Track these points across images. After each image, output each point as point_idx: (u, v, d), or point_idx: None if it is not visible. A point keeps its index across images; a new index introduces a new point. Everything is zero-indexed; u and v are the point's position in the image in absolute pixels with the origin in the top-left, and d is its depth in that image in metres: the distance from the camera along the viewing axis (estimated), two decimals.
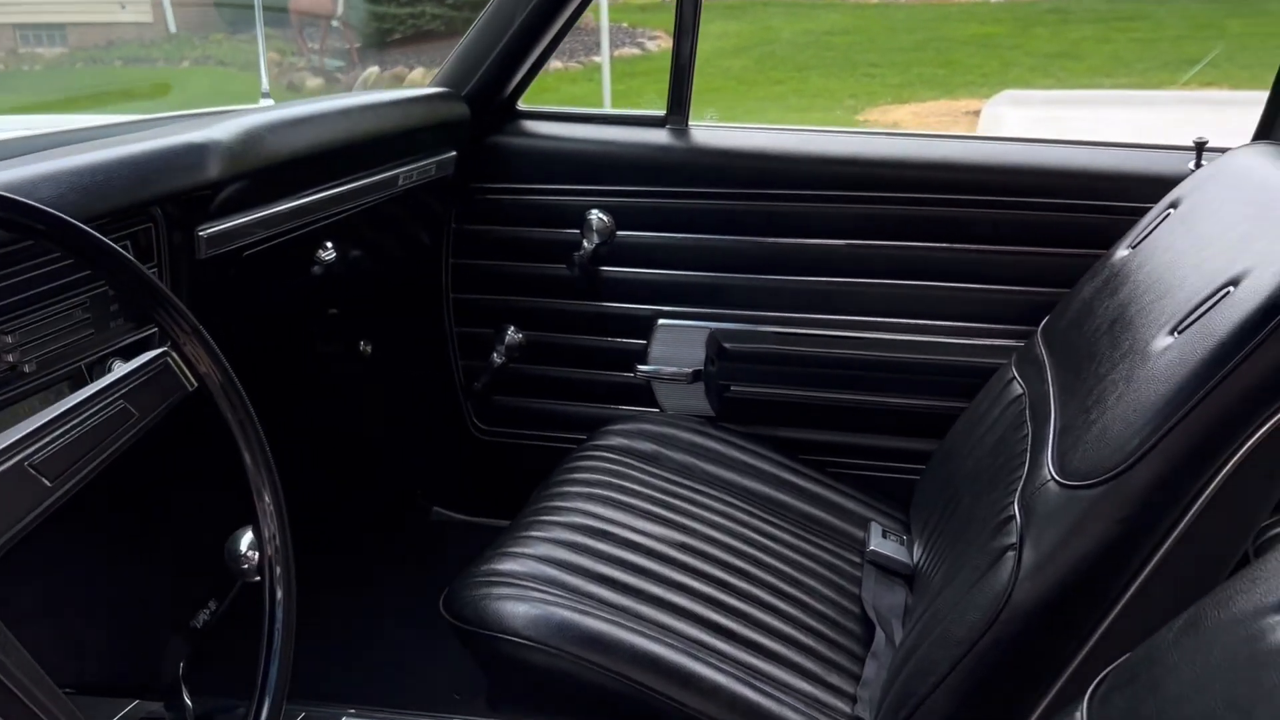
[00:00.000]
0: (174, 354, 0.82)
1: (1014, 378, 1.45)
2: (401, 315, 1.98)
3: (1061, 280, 1.53)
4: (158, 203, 1.12)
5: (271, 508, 0.86)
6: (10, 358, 1.00)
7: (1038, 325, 1.49)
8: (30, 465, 0.72)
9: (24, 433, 0.73)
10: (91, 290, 1.09)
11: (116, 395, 0.77)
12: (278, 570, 0.86)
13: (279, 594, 0.85)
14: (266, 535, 0.86)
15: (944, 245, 1.71)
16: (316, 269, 1.55)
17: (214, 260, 1.23)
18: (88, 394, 0.76)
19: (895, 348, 1.75)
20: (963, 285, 1.72)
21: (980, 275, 1.71)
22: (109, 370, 1.13)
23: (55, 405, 0.75)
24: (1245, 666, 0.65)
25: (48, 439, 0.73)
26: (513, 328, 1.97)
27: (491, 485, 2.03)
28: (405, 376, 2.02)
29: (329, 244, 1.54)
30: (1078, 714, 0.77)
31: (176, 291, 1.23)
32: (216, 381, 0.85)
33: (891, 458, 1.78)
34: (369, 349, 1.94)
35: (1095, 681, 0.78)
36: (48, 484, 0.72)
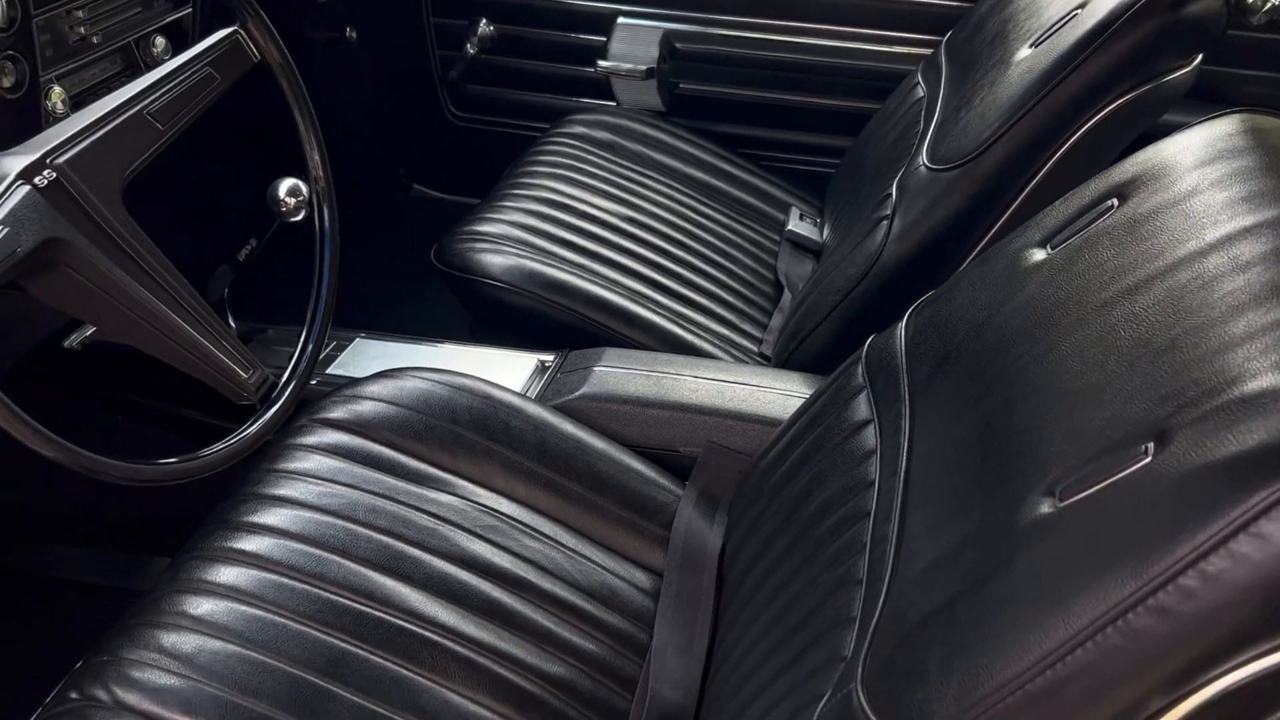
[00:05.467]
0: (242, 32, 1.05)
1: (918, 82, 1.70)
2: (384, 5, 2.15)
3: None
4: None
5: (319, 156, 1.12)
6: (81, 30, 1.22)
7: (944, 36, 1.73)
8: (147, 113, 0.97)
9: (140, 88, 0.97)
10: None
11: (204, 63, 1.01)
12: (325, 208, 1.13)
13: (326, 219, 1.13)
14: (314, 177, 1.13)
15: None
16: None
17: None
18: (184, 60, 1.00)
19: (824, 53, 1.98)
20: None
21: None
22: (152, 46, 1.35)
23: (159, 68, 0.99)
24: (1004, 281, 0.96)
25: (158, 94, 0.98)
26: (485, 20, 2.15)
27: (464, 167, 2.28)
28: (388, 64, 2.22)
29: None
30: (901, 322, 1.09)
31: None
32: (275, 57, 1.08)
33: (815, 152, 2.04)
34: (355, 35, 2.13)
35: (918, 302, 1.09)
36: (160, 128, 0.98)
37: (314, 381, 1.44)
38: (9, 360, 1.42)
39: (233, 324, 1.49)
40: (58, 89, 1.20)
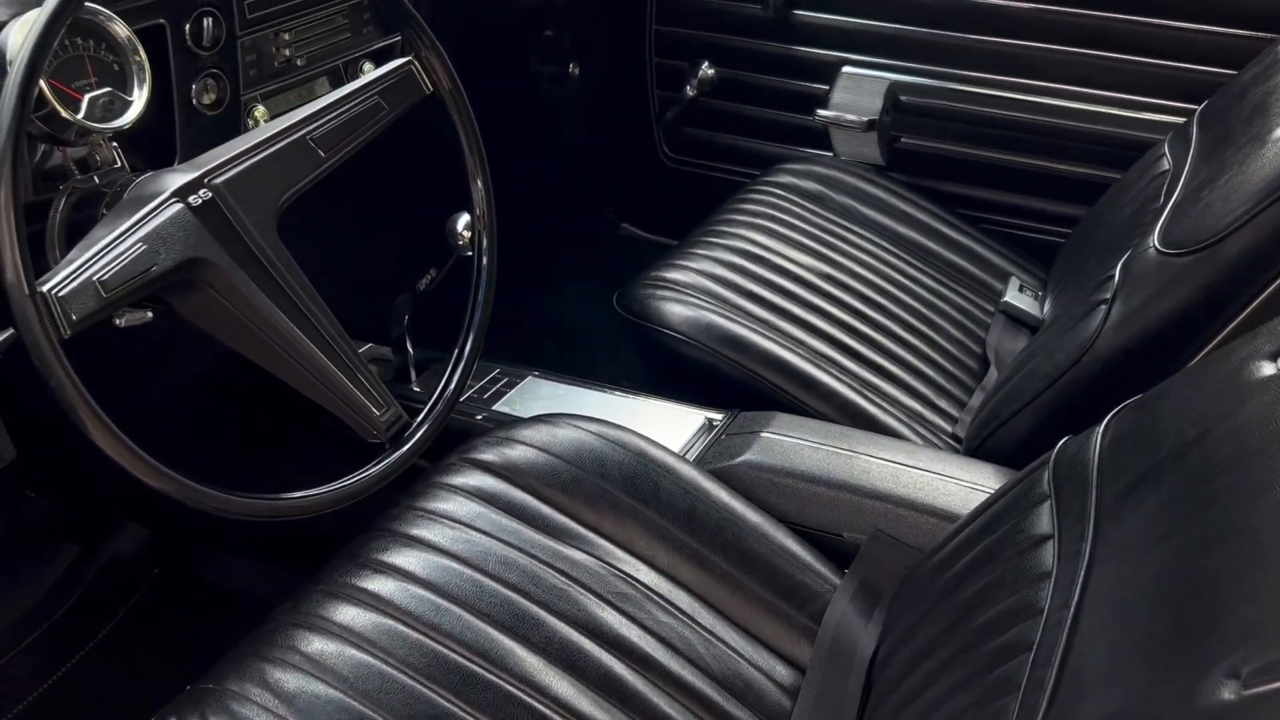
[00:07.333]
0: (416, 63, 1.04)
1: (1164, 154, 1.53)
2: (607, 43, 2.15)
3: (1230, 62, 1.57)
4: None
5: (483, 193, 1.09)
6: (287, 52, 1.25)
7: (1199, 106, 1.55)
8: (310, 139, 0.96)
9: (305, 114, 0.97)
10: (351, 1, 1.31)
11: (373, 92, 1.00)
12: (484, 241, 1.09)
13: (484, 260, 1.10)
14: (477, 213, 1.10)
15: (1122, 17, 1.74)
16: None
17: None
18: (353, 88, 0.99)
19: (1062, 114, 1.82)
20: (1136, 58, 1.76)
21: (1155, 50, 1.74)
22: (361, 71, 1.37)
23: (327, 95, 0.99)
24: (1222, 395, 0.81)
25: (323, 120, 0.97)
26: (707, 63, 2.11)
27: (674, 209, 2.24)
28: (607, 101, 2.21)
29: None
30: (1099, 427, 0.95)
31: (417, 6, 1.44)
32: (447, 89, 1.06)
33: (1043, 219, 1.89)
34: (577, 72, 2.13)
35: (1120, 406, 0.96)
36: (322, 155, 0.97)
37: (479, 417, 1.43)
38: (188, 379, 1.48)
39: (411, 351, 1.49)
40: (261, 108, 1.23)
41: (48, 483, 1.46)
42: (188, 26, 1.11)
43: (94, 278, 0.80)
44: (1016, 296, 1.68)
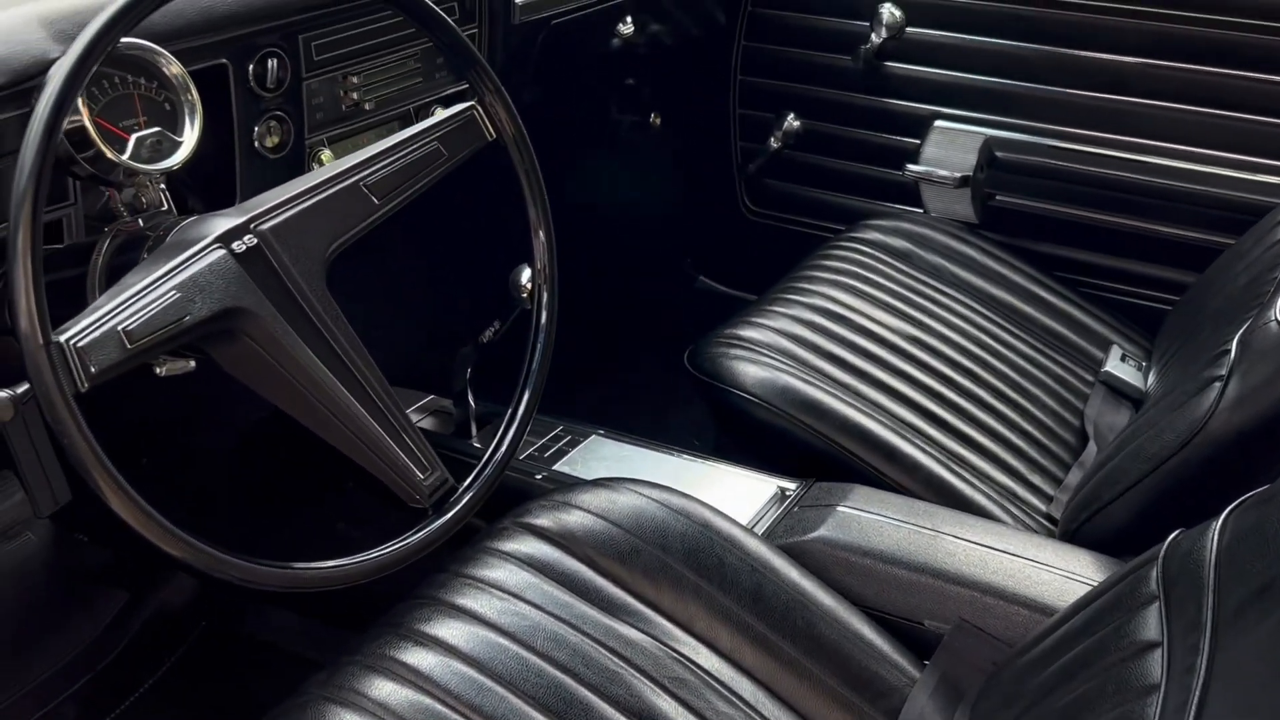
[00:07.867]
0: (479, 108, 0.99)
1: None
2: (691, 92, 2.10)
3: None
4: None
5: (545, 245, 1.04)
6: (355, 96, 1.21)
7: None
8: (364, 185, 0.91)
9: (360, 159, 0.92)
10: (422, 45, 1.27)
11: (432, 137, 0.95)
12: (544, 296, 1.04)
13: (543, 318, 1.04)
14: (538, 267, 1.04)
15: (1241, 74, 1.64)
16: (616, 42, 1.69)
17: (526, 26, 1.39)
18: (410, 133, 0.95)
19: (1171, 174, 1.72)
20: (1252, 116, 1.65)
21: (1272, 108, 1.63)
22: (431, 114, 1.33)
23: (384, 140, 0.94)
24: None
25: (378, 166, 0.93)
26: (792, 114, 2.05)
27: (754, 263, 2.17)
28: (688, 152, 2.15)
29: (629, 19, 1.67)
30: (1216, 522, 0.85)
31: (493, 52, 1.41)
32: (510, 135, 1.01)
33: (1148, 285, 1.78)
34: (659, 121, 2.08)
35: (1240, 499, 0.85)
36: (376, 202, 0.92)
37: (538, 477, 1.36)
38: (237, 428, 1.44)
39: (473, 404, 1.44)
40: (327, 152, 1.20)
41: (100, 528, 1.43)
42: (251, 67, 1.07)
43: (119, 327, 0.75)
44: (1118, 366, 1.57)
